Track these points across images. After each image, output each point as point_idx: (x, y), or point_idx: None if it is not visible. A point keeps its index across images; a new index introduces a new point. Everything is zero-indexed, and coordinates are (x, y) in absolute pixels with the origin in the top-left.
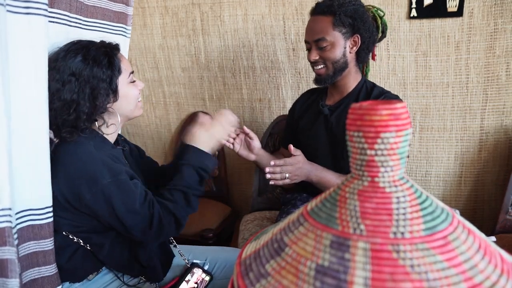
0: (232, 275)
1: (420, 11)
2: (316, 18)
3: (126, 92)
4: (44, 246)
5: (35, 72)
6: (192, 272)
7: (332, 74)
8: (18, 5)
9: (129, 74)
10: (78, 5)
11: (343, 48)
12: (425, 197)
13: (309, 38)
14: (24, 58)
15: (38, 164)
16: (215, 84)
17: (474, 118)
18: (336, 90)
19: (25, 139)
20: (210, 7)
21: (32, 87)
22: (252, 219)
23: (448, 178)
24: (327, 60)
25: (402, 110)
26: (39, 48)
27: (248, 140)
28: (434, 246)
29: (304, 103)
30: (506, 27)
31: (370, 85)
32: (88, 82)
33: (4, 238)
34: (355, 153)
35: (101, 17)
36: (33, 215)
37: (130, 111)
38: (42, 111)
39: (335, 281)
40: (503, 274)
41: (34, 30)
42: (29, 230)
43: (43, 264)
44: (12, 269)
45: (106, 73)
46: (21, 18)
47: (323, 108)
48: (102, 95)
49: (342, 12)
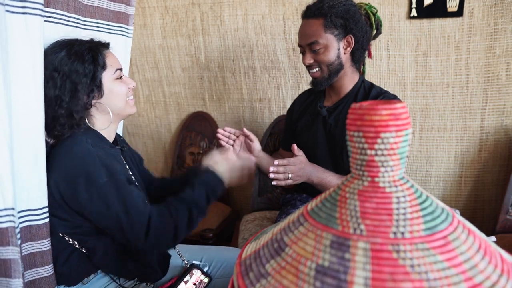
0: (232, 275)
1: (420, 11)
2: (307, 21)
3: (112, 88)
4: (42, 246)
5: (33, 71)
6: (191, 273)
7: (327, 77)
8: (15, 4)
9: (115, 70)
10: (76, 4)
11: (336, 50)
12: (425, 197)
13: (302, 42)
14: (23, 58)
15: (35, 164)
16: (215, 84)
17: (474, 118)
18: (334, 91)
19: (22, 139)
20: (210, 7)
21: (31, 87)
22: (252, 219)
23: (448, 178)
24: (322, 63)
25: (402, 110)
26: (36, 48)
27: (248, 142)
28: (434, 246)
29: (302, 104)
30: (506, 27)
31: (368, 85)
32: (69, 77)
33: (7, 238)
34: (355, 153)
35: (100, 16)
36: (31, 216)
37: (120, 108)
38: (39, 111)
39: (335, 281)
40: (503, 274)
41: (30, 30)
42: (27, 231)
43: (40, 265)
44: (16, 269)
45: (88, 68)
46: (18, 17)
47: (321, 109)
48: (84, 90)
49: (333, 13)
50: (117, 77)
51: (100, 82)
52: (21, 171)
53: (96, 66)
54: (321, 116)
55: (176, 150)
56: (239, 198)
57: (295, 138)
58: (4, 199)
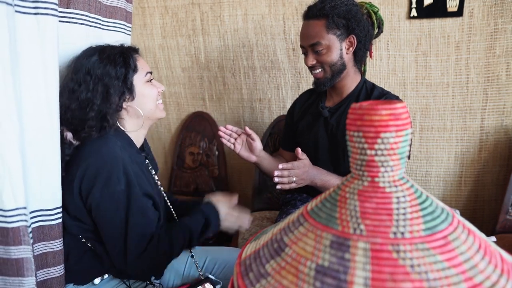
0: (232, 275)
1: (420, 11)
2: (309, 22)
3: (143, 91)
4: (54, 247)
5: (44, 72)
6: (203, 286)
7: (330, 77)
8: (26, 5)
9: (146, 73)
10: (97, 5)
11: (339, 50)
12: (425, 197)
13: (304, 43)
14: (33, 59)
15: (48, 164)
16: (215, 84)
17: (474, 118)
18: (336, 92)
19: (35, 140)
20: (210, 7)
21: (41, 88)
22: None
23: (448, 178)
24: (324, 63)
25: (402, 110)
26: (48, 48)
27: (250, 141)
28: (434, 246)
29: (303, 104)
30: (506, 27)
31: (370, 85)
32: (101, 80)
33: (19, 238)
34: (355, 153)
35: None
36: (44, 216)
37: (151, 111)
38: (52, 112)
39: (335, 281)
40: (503, 274)
41: (42, 30)
42: (40, 231)
43: (52, 265)
44: (28, 267)
45: (120, 71)
46: (29, 18)
47: (323, 110)
48: (116, 93)
49: (335, 14)
50: (147, 80)
51: (131, 84)
52: (33, 171)
53: (127, 69)
54: (322, 117)
55: (176, 150)
56: (239, 198)
57: (296, 139)
58: (15, 198)
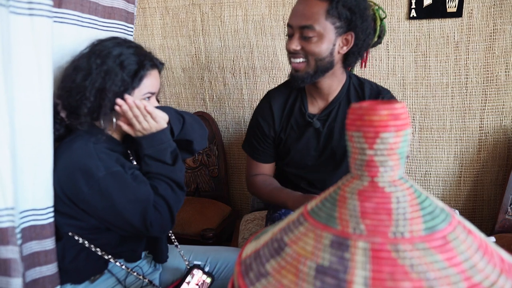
0: (232, 275)
1: (419, 12)
2: (308, 0)
3: None
4: (46, 245)
5: (39, 73)
6: (192, 273)
7: (312, 73)
8: (21, 6)
9: (146, 92)
10: (91, 5)
11: (331, 44)
12: (425, 197)
13: (293, 22)
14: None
15: (41, 163)
16: (216, 84)
17: (473, 118)
18: (319, 93)
19: (28, 139)
20: (210, 8)
21: (36, 88)
22: (252, 219)
23: (447, 178)
24: (310, 54)
25: (402, 110)
26: (42, 49)
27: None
28: (433, 245)
29: (282, 110)
30: (505, 27)
31: (356, 82)
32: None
33: (7, 238)
34: (354, 153)
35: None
36: (35, 215)
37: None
38: (46, 112)
39: (335, 281)
40: (502, 273)
41: (37, 31)
42: (31, 230)
43: (44, 263)
44: (15, 268)
45: (123, 78)
46: (24, 19)
47: (312, 120)
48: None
49: (341, 0)
50: (144, 98)
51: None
52: (24, 171)
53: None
54: (312, 128)
55: None
56: (239, 198)
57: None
58: (4, 198)
